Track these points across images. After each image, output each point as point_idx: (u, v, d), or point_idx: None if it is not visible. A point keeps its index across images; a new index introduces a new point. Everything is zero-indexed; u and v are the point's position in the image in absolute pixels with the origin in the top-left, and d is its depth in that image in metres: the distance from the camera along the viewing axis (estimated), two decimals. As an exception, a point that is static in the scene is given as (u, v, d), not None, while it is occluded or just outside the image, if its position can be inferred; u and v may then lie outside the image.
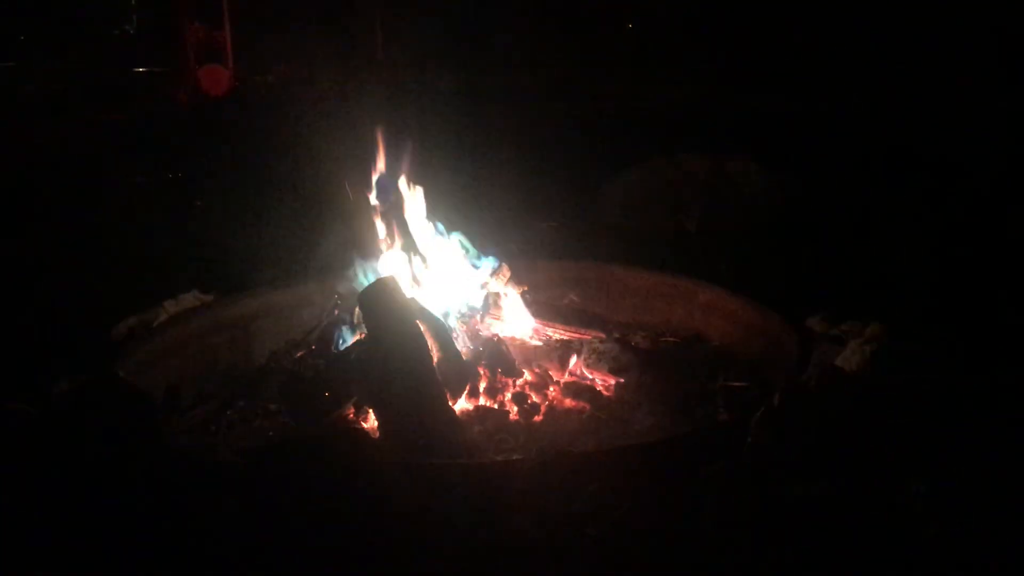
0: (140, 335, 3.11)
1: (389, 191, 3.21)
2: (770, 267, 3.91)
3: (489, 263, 3.29)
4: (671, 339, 3.43)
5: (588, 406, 2.86)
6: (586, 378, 3.03)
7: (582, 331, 3.34)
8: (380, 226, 3.23)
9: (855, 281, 3.71)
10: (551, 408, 2.85)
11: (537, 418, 2.80)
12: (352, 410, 2.77)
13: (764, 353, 3.12)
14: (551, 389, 2.96)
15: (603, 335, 3.30)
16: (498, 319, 3.28)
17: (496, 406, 2.85)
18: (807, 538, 2.19)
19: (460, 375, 2.84)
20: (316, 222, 3.58)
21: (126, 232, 4.80)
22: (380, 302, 2.79)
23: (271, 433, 2.80)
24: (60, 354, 2.89)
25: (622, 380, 2.98)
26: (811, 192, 5.14)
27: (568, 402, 2.90)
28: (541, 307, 3.37)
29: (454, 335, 2.98)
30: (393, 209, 3.26)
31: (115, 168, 6.73)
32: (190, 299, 3.36)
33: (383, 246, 3.21)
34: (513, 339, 3.19)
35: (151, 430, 2.51)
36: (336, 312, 3.25)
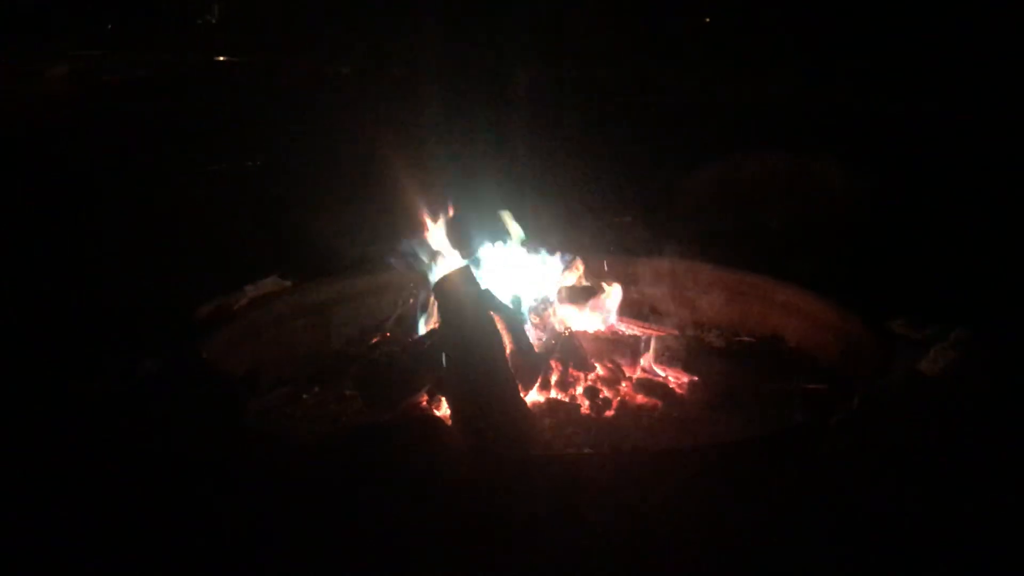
0: (222, 318, 3.18)
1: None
2: (852, 268, 3.82)
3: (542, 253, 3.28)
4: (747, 338, 3.39)
5: (660, 403, 2.84)
6: (659, 375, 3.01)
7: (656, 327, 3.32)
8: (456, 217, 3.25)
9: (940, 284, 3.61)
10: (623, 404, 2.84)
11: (608, 413, 2.79)
12: (425, 398, 2.80)
13: (843, 356, 3.06)
14: (623, 385, 2.95)
15: (677, 332, 3.27)
16: (571, 313, 3.27)
17: (567, 399, 2.86)
18: (883, 548, 2.14)
19: (532, 367, 2.85)
20: (392, 211, 3.61)
21: (209, 218, 4.91)
22: (455, 292, 2.81)
23: (345, 418, 2.84)
24: (145, 335, 2.97)
25: (695, 378, 2.95)
26: (896, 193, 5.01)
27: (640, 398, 2.88)
28: (615, 302, 3.35)
29: (527, 327, 2.99)
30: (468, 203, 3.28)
31: (198, 154, 6.89)
32: (270, 284, 3.42)
33: (458, 237, 3.23)
34: (585, 333, 3.18)
35: (231, 411, 2.58)
36: (412, 301, 3.29)
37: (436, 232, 3.21)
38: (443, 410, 2.75)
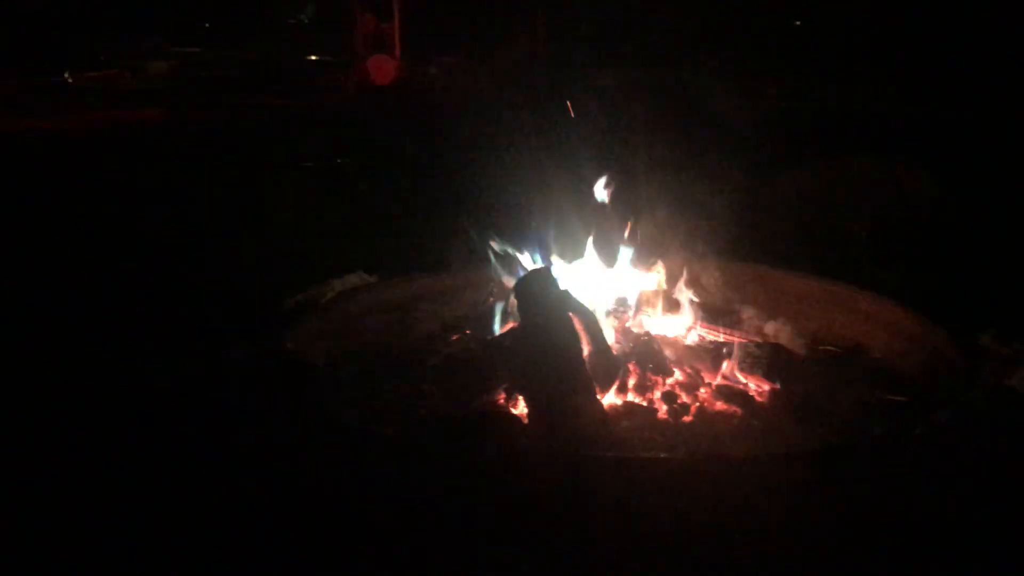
0: (308, 310, 3.26)
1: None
2: (941, 279, 3.73)
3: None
4: (830, 347, 3.33)
5: (740, 410, 2.81)
6: (739, 382, 2.98)
7: (737, 333, 3.29)
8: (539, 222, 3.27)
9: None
10: (701, 410, 2.83)
11: (686, 418, 2.78)
12: (503, 395, 2.83)
13: (929, 369, 2.98)
14: (702, 390, 2.93)
15: (759, 339, 3.23)
16: (650, 316, 3.27)
17: (644, 403, 2.85)
18: (961, 565, 2.10)
19: (609, 369, 2.85)
20: (475, 210, 3.66)
21: (299, 213, 5.04)
22: (534, 292, 2.84)
23: (424, 412, 2.88)
24: (234, 324, 3.07)
25: (776, 387, 2.92)
26: (989, 203, 4.86)
27: (719, 405, 2.86)
28: (696, 307, 3.34)
29: (605, 329, 3.00)
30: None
31: (288, 151, 7.07)
32: (355, 279, 3.50)
33: (541, 239, 3.26)
34: (665, 337, 3.17)
35: (314, 401, 2.65)
36: (491, 299, 3.32)
37: (520, 232, 3.25)
38: (519, 408, 2.77)
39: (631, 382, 2.90)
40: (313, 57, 15.36)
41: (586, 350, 2.80)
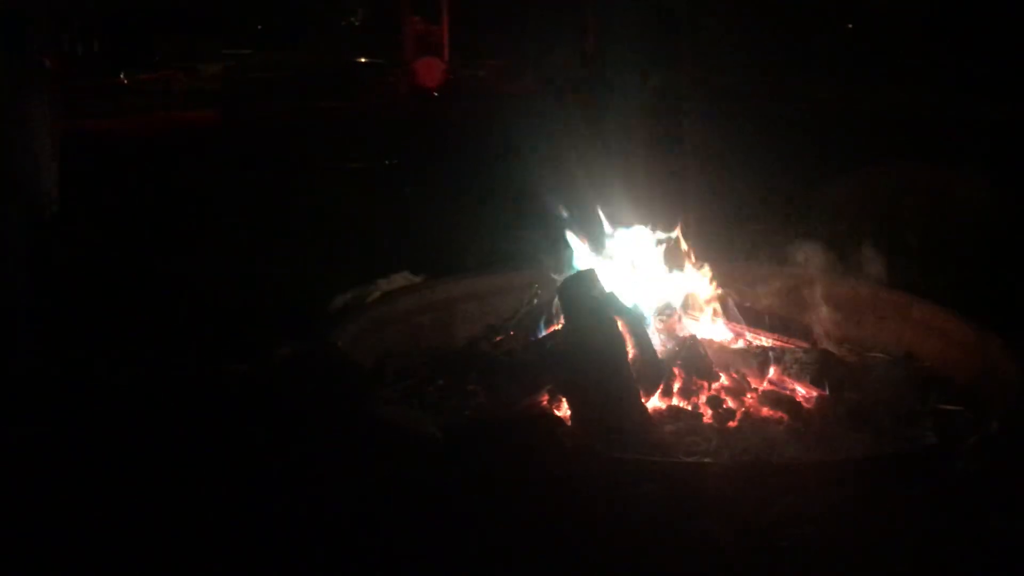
0: (355, 310, 3.29)
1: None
2: (993, 286, 3.66)
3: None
4: (880, 355, 3.28)
5: (786, 417, 2.78)
6: (786, 388, 2.95)
7: (785, 339, 3.25)
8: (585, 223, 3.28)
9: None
10: (747, 415, 2.80)
11: (731, 424, 2.75)
12: (546, 397, 2.82)
13: (981, 377, 2.92)
14: (748, 396, 2.90)
15: (807, 345, 3.19)
16: (697, 320, 3.24)
17: (689, 407, 2.83)
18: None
19: (654, 373, 2.84)
20: (520, 213, 3.68)
21: (347, 214, 5.10)
22: (578, 295, 2.83)
23: (468, 412, 2.90)
24: (284, 323, 3.12)
25: (825, 393, 2.87)
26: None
27: (765, 411, 2.83)
28: (742, 311, 3.31)
29: (651, 332, 2.98)
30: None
31: (337, 153, 7.15)
32: (401, 279, 3.53)
33: (585, 240, 3.25)
34: (711, 341, 3.15)
35: (361, 399, 2.67)
36: (535, 301, 3.33)
37: (567, 235, 3.25)
38: (563, 410, 2.77)
39: (676, 386, 2.88)
40: (363, 59, 15.50)
41: (631, 353, 2.79)
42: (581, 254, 3.23)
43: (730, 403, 2.83)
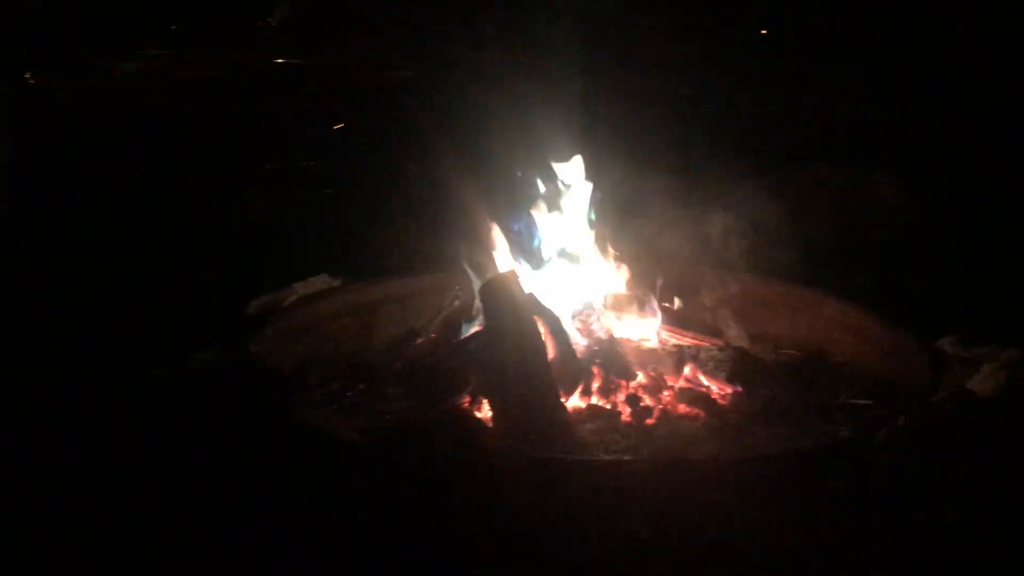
0: (271, 314, 3.24)
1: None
2: (904, 284, 3.78)
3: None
4: (793, 352, 3.35)
5: (703, 413, 2.82)
6: (702, 385, 3.00)
7: (701, 337, 3.30)
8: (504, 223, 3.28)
9: (993, 303, 3.54)
10: (664, 413, 2.83)
11: (649, 421, 2.79)
12: (468, 399, 2.82)
13: (892, 372, 3.01)
14: (665, 393, 2.94)
15: (722, 343, 3.25)
16: (615, 319, 3.27)
17: (608, 406, 2.85)
18: (925, 568, 2.12)
19: (574, 373, 2.86)
20: (442, 214, 3.66)
21: (263, 216, 5.00)
22: (499, 296, 2.84)
23: (389, 416, 2.87)
24: (199, 327, 3.04)
25: (740, 390, 2.93)
26: (953, 209, 4.92)
27: (682, 408, 2.87)
28: (660, 311, 3.35)
29: (570, 333, 3.00)
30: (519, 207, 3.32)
31: (256, 153, 7.01)
32: (320, 283, 3.48)
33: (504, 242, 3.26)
34: (629, 341, 3.18)
35: (278, 404, 2.63)
36: (456, 303, 3.32)
37: (486, 237, 3.25)
38: (485, 412, 2.77)
39: (595, 385, 2.91)
40: (281, 60, 15.27)
41: (551, 353, 2.81)
42: (501, 256, 3.23)
43: (648, 401, 2.87)
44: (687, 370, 3.02)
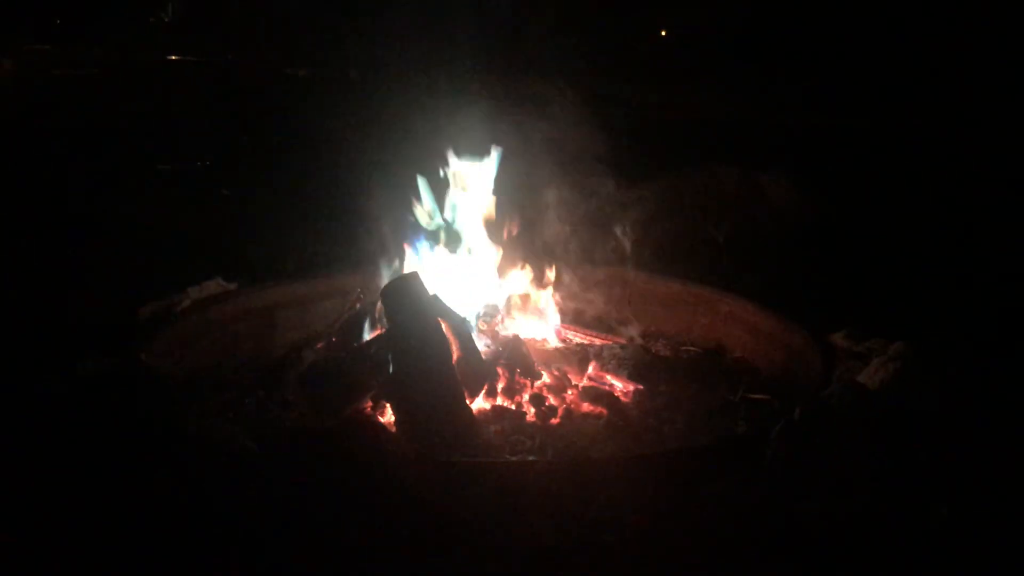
0: (163, 320, 3.12)
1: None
2: (796, 281, 3.88)
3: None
4: (692, 348, 3.41)
5: (606, 412, 2.84)
6: (605, 383, 3.02)
7: (602, 336, 3.33)
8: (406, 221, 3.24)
9: (881, 298, 3.68)
10: (568, 412, 2.84)
11: (554, 421, 2.79)
12: (370, 404, 2.77)
13: (786, 367, 3.10)
14: (569, 392, 2.95)
15: (623, 341, 3.28)
16: (518, 319, 3.27)
17: (513, 407, 2.85)
18: (822, 557, 2.17)
19: (479, 374, 2.84)
20: (342, 215, 3.60)
21: (152, 218, 4.84)
22: (402, 298, 2.80)
23: (288, 423, 2.80)
24: (86, 336, 2.91)
25: (641, 387, 2.97)
26: (841, 208, 5.10)
27: (586, 406, 2.89)
28: (563, 310, 3.36)
29: (474, 334, 2.98)
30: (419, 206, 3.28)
31: (144, 155, 6.80)
32: (213, 286, 3.37)
33: (407, 241, 3.22)
34: (533, 341, 3.18)
35: (170, 414, 2.53)
36: (358, 306, 3.26)
37: (389, 234, 3.21)
38: (388, 416, 2.72)
39: (500, 386, 2.90)
40: (174, 57, 14.82)
41: (455, 355, 2.78)
42: (404, 257, 3.19)
43: (552, 400, 2.88)
44: (590, 369, 3.04)
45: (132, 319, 3.11)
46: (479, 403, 2.83)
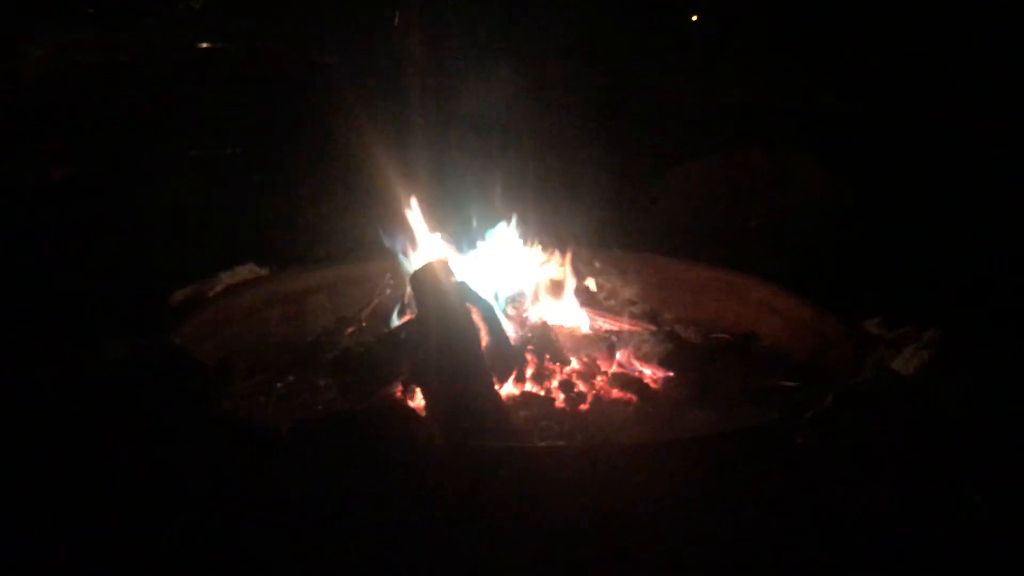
0: (196, 304, 3.15)
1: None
2: (829, 268, 3.85)
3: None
4: (723, 335, 3.39)
5: (635, 398, 2.84)
6: (634, 370, 3.01)
7: (632, 322, 3.32)
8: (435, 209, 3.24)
9: (915, 285, 3.64)
10: (597, 398, 2.84)
11: (583, 407, 2.79)
12: (400, 388, 2.79)
13: (818, 354, 3.07)
14: (598, 379, 2.95)
15: (654, 328, 3.27)
16: (548, 306, 3.27)
17: (542, 393, 2.85)
18: (853, 543, 2.16)
19: (507, 360, 2.84)
20: (372, 201, 3.61)
21: (186, 204, 4.88)
22: (431, 284, 2.81)
23: (319, 407, 2.82)
24: (119, 320, 2.94)
25: (671, 374, 2.96)
26: (874, 194, 5.05)
27: (615, 393, 2.88)
28: (592, 296, 3.36)
29: (503, 320, 2.98)
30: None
31: (178, 140, 6.85)
32: (246, 272, 3.40)
33: (436, 229, 3.23)
34: (562, 327, 3.18)
35: (201, 397, 2.56)
36: (388, 291, 3.28)
37: (416, 223, 3.21)
38: (417, 401, 2.74)
39: (529, 372, 2.90)
40: (205, 44, 14.90)
41: (484, 341, 2.79)
42: (432, 243, 3.20)
43: (581, 387, 2.87)
44: (620, 355, 3.03)
45: (165, 303, 3.14)
46: (508, 389, 2.83)
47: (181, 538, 2.18)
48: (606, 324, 3.30)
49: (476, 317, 2.79)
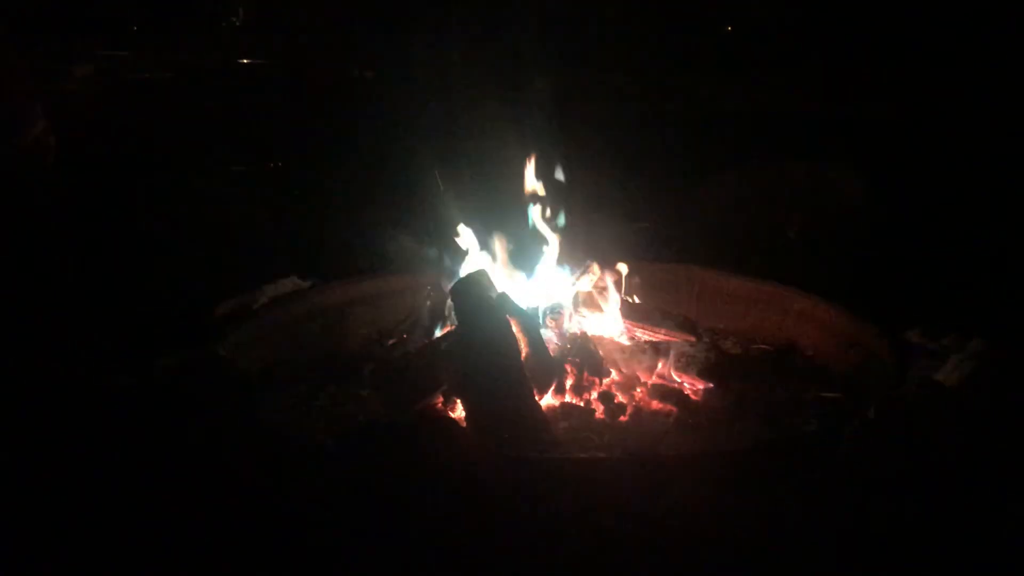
0: (240, 317, 3.20)
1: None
2: (869, 277, 3.81)
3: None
4: (763, 346, 3.38)
5: (675, 409, 2.84)
6: (674, 381, 3.01)
7: (672, 334, 3.31)
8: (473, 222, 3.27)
9: (958, 295, 3.59)
10: (637, 409, 2.85)
11: (623, 418, 2.80)
12: (441, 399, 2.81)
13: (859, 365, 3.05)
14: (638, 390, 2.96)
15: (693, 339, 3.26)
16: (587, 318, 3.28)
17: (582, 404, 2.86)
18: (896, 555, 2.14)
19: (547, 371, 2.86)
20: (412, 214, 3.65)
21: (230, 218, 4.96)
22: (471, 295, 2.83)
23: (361, 418, 2.85)
24: (165, 332, 3.00)
25: (711, 385, 2.95)
26: (915, 203, 4.99)
27: (655, 404, 2.89)
28: (631, 308, 3.36)
29: (543, 331, 3.00)
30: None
31: (221, 155, 6.95)
32: (289, 284, 3.44)
33: (476, 240, 3.25)
34: (601, 338, 3.19)
35: (246, 407, 2.60)
36: (428, 303, 3.31)
37: (457, 235, 3.24)
38: (458, 412, 2.76)
39: (568, 383, 2.91)
40: (246, 60, 15.10)
41: (524, 352, 2.80)
42: (472, 255, 3.22)
43: (621, 398, 2.88)
44: (659, 366, 3.03)
45: (210, 315, 3.20)
46: (548, 400, 2.84)
47: (226, 545, 2.22)
48: (645, 335, 3.30)
49: (516, 329, 2.81)
